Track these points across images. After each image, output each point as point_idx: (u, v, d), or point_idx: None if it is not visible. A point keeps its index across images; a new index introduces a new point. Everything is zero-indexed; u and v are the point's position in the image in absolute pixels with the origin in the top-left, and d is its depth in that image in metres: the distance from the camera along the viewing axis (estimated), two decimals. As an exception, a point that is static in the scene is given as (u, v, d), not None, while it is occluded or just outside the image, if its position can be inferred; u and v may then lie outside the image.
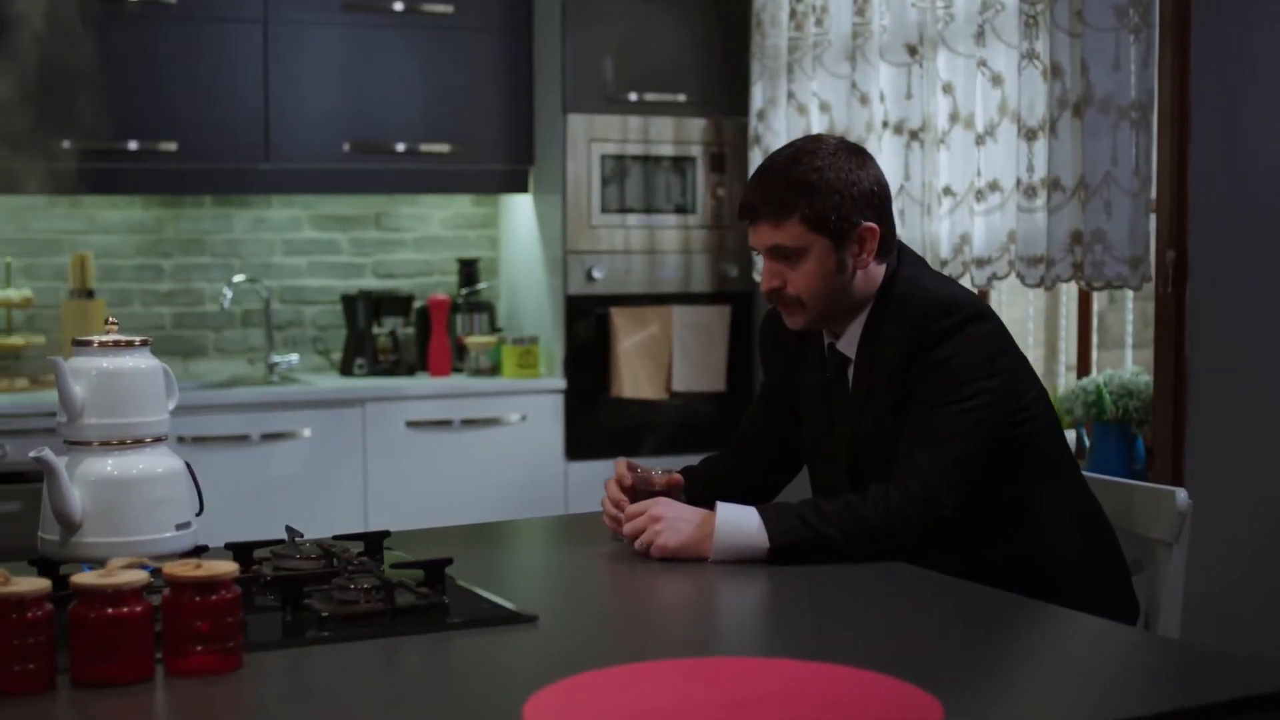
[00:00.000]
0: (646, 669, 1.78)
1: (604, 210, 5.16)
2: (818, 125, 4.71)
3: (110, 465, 2.15)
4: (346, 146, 5.09)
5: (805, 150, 2.57)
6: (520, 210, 5.45)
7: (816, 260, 2.54)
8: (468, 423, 5.03)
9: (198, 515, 2.33)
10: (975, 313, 2.51)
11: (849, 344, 2.62)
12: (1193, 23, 3.70)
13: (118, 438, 2.16)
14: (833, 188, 2.52)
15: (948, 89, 4.19)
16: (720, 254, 5.29)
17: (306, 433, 4.84)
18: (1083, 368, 4.42)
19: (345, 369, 5.27)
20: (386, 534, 2.40)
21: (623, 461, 2.62)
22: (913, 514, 2.40)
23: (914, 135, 4.32)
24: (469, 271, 5.45)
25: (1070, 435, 4.28)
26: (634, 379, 5.12)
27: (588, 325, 5.17)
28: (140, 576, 1.80)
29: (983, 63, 4.04)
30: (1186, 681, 1.85)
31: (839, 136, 2.67)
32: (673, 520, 2.42)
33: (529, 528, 2.84)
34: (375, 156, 5.13)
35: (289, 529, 2.40)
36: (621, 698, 1.68)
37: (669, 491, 2.62)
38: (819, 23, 4.69)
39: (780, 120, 4.87)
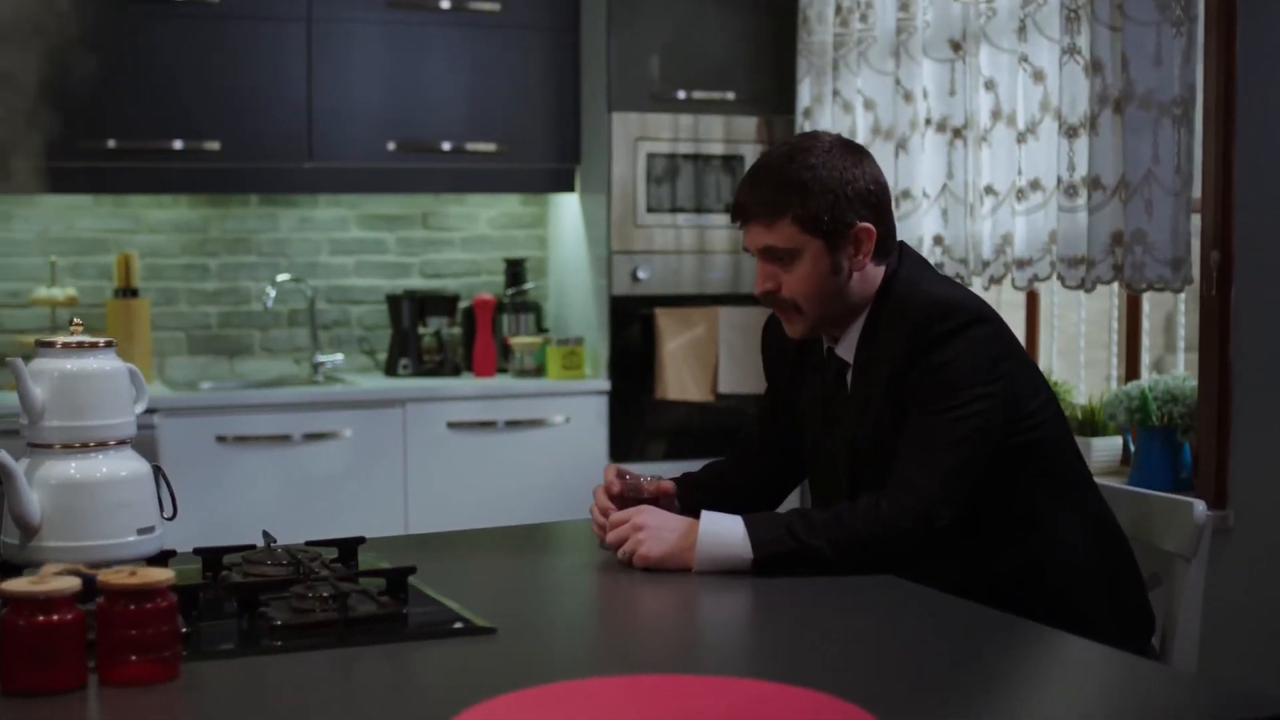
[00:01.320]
0: (584, 686, 1.71)
1: (650, 210, 5.09)
2: (862, 123, 4.61)
3: (70, 468, 2.11)
4: (392, 145, 5.06)
5: (799, 148, 2.49)
6: (568, 209, 5.39)
7: (811, 262, 2.46)
8: (511, 424, 4.99)
9: (170, 519, 2.29)
10: (976, 316, 2.41)
11: (847, 348, 2.53)
12: (1238, 15, 3.57)
13: (80, 440, 2.12)
14: (827, 187, 2.44)
15: (990, 85, 4.08)
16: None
17: (347, 433, 4.82)
18: (1131, 371, 4.29)
19: (390, 369, 5.24)
20: (361, 540, 2.34)
21: (611, 468, 2.55)
22: (905, 524, 2.31)
23: (957, 133, 4.21)
24: (515, 271, 5.41)
25: (1116, 442, 4.16)
26: (679, 381, 5.05)
27: (632, 326, 5.10)
28: (72, 583, 1.76)
29: (1024, 58, 3.92)
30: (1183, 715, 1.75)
31: (836, 134, 2.58)
32: (655, 529, 2.35)
33: (520, 534, 2.78)
34: (420, 156, 5.10)
35: (265, 534, 2.36)
36: (546, 717, 1.61)
37: (658, 499, 2.55)
38: (864, 19, 4.59)
39: (826, 118, 4.77)
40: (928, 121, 4.33)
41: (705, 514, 2.35)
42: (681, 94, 5.10)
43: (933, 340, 2.39)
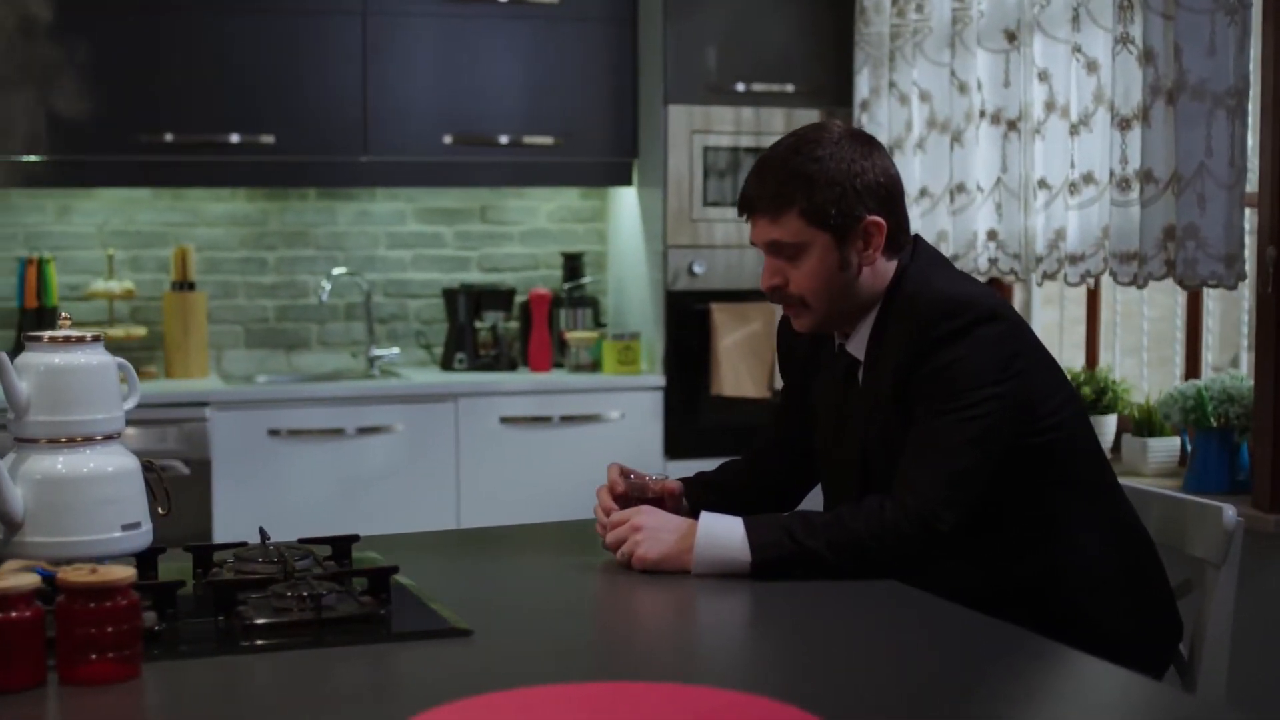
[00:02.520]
0: (540, 694, 1.66)
1: (706, 204, 5.03)
2: (918, 116, 4.52)
3: (53, 463, 2.09)
4: (448, 139, 5.03)
5: (806, 139, 2.42)
6: (626, 203, 5.34)
7: (818, 257, 2.39)
8: (566, 419, 4.95)
9: (165, 516, 2.27)
10: (985, 313, 2.33)
11: (858, 346, 2.46)
12: (1295, 3, 3.45)
13: (65, 435, 2.10)
14: (834, 179, 2.37)
15: (1043, 76, 3.99)
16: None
17: (399, 427, 4.80)
18: (1191, 370, 4.17)
19: (446, 363, 5.22)
20: (355, 538, 2.31)
21: (615, 467, 2.50)
22: (906, 530, 2.23)
23: (1011, 125, 4.11)
24: (573, 265, 5.37)
25: (1174, 443, 4.05)
26: (735, 377, 4.99)
27: (688, 321, 5.04)
28: (31, 580, 1.74)
29: (1077, 48, 3.82)
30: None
31: (846, 124, 2.51)
32: (654, 530, 2.29)
33: (525, 533, 2.74)
34: (477, 149, 5.07)
35: (261, 530, 2.33)
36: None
37: (663, 500, 2.49)
38: (919, 9, 4.50)
39: (883, 110, 4.69)
40: (982, 113, 4.24)
41: (704, 515, 2.29)
42: (741, 86, 5.04)
43: (939, 339, 2.31)
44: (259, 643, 1.90)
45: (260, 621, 1.94)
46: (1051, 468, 2.39)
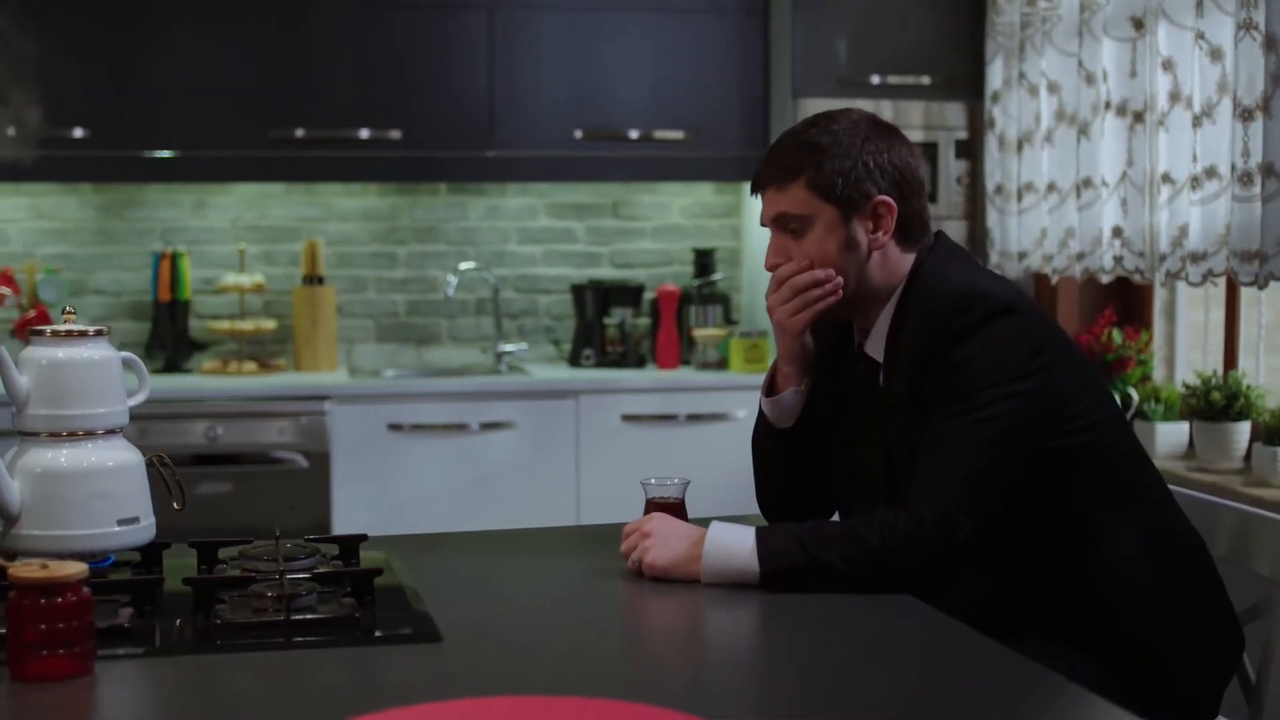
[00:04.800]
0: (466, 706, 1.60)
1: (837, 199, 4.90)
2: (1047, 108, 4.34)
3: (50, 457, 2.09)
4: (579, 134, 5.00)
5: (824, 116, 2.33)
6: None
7: (823, 230, 2.28)
8: (692, 418, 4.88)
9: (179, 510, 2.26)
10: (1002, 307, 2.19)
11: (876, 347, 2.34)
12: None
13: (66, 429, 2.10)
14: (845, 152, 2.26)
15: (1168, 66, 3.79)
16: (970, 247, 4.95)
17: (521, 423, 4.78)
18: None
19: (574, 360, 5.19)
20: (363, 538, 2.27)
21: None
22: (921, 539, 2.12)
23: (1137, 117, 3.92)
24: (704, 262, 5.29)
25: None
26: (862, 377, 4.85)
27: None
28: (-20, 575, 1.74)
29: (1201, 35, 3.62)
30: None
31: (871, 112, 2.40)
32: (664, 537, 2.21)
33: (551, 537, 2.68)
34: (606, 143, 5.03)
35: (275, 530, 2.31)
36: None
37: (681, 506, 2.41)
38: (1049, -4, 4.33)
39: (1014, 103, 4.52)
40: (1107, 105, 4.05)
41: (715, 524, 2.21)
42: (876, 79, 4.90)
43: (953, 335, 2.19)
44: (222, 642, 1.88)
45: (230, 621, 1.92)
46: (1082, 471, 2.24)
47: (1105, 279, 4.15)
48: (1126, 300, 4.62)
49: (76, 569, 1.76)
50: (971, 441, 2.14)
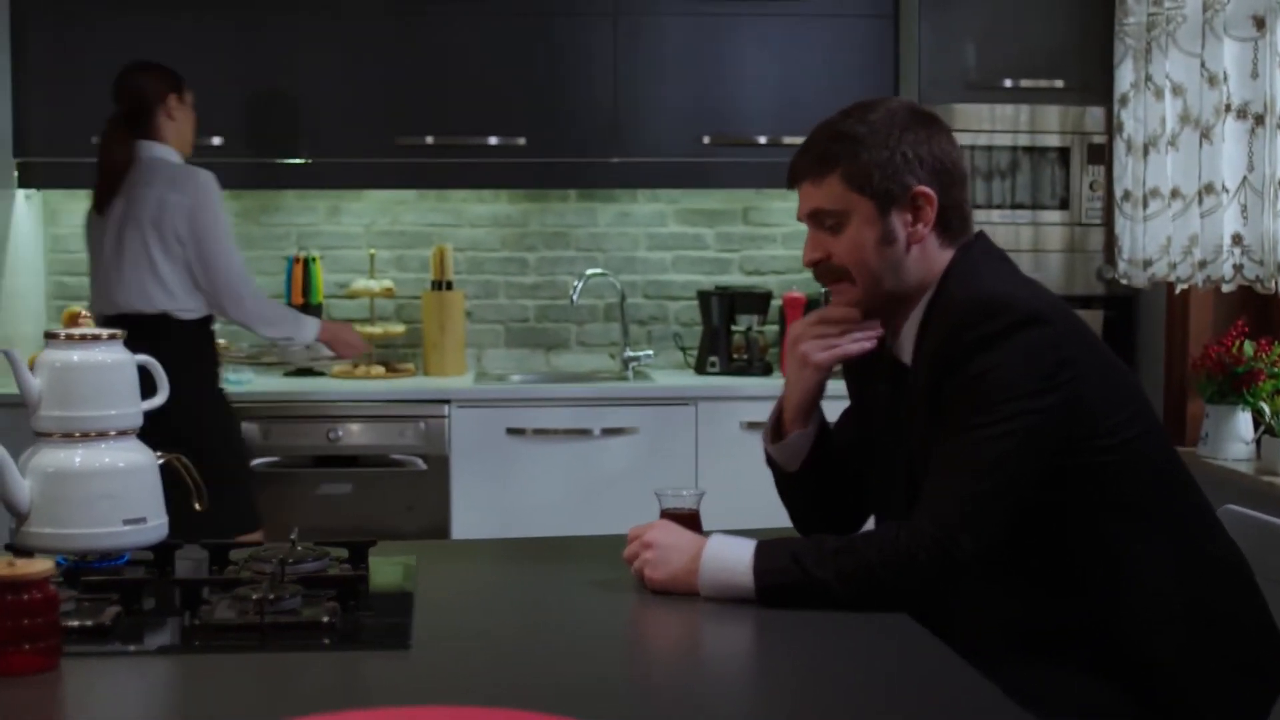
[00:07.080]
0: (407, 714, 1.60)
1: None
2: (1171, 112, 4.19)
3: (60, 457, 2.15)
4: (707, 139, 4.98)
5: (861, 105, 2.25)
6: (890, 205, 5.16)
7: (859, 224, 2.20)
8: (816, 427, 4.80)
9: (199, 511, 2.30)
10: (1028, 316, 2.10)
11: (904, 347, 2.27)
12: None
13: (78, 430, 2.16)
14: (882, 143, 2.18)
15: (1286, 66, 3.63)
16: (1091, 253, 4.80)
17: (641, 430, 4.78)
18: None
19: (700, 367, 5.17)
20: (372, 542, 2.28)
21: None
22: (921, 557, 2.04)
23: (1259, 120, 3.76)
24: (833, 269, 5.22)
25: None
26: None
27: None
28: (-53, 572, 1.79)
29: (1318, 34, 3.47)
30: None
31: (910, 100, 2.31)
32: (664, 550, 2.18)
33: (571, 546, 2.66)
34: (733, 149, 5.00)
35: (290, 532, 2.34)
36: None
37: (695, 517, 2.38)
38: (1175, -6, 4.18)
39: (1140, 106, 4.37)
40: (1228, 107, 3.89)
41: (714, 537, 2.17)
42: (1008, 82, 4.79)
43: (972, 344, 2.10)
44: (199, 643, 1.91)
45: (209, 622, 1.95)
46: (1111, 491, 2.14)
47: (1226, 288, 3.99)
48: (1263, 311, 4.43)
49: (43, 566, 1.81)
50: (983, 457, 2.06)
